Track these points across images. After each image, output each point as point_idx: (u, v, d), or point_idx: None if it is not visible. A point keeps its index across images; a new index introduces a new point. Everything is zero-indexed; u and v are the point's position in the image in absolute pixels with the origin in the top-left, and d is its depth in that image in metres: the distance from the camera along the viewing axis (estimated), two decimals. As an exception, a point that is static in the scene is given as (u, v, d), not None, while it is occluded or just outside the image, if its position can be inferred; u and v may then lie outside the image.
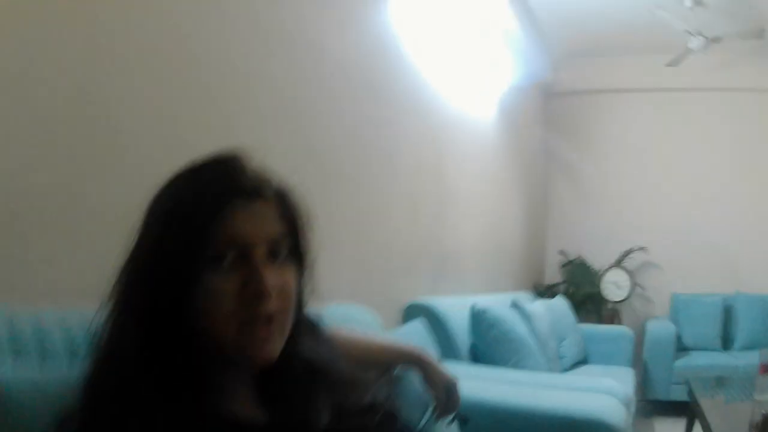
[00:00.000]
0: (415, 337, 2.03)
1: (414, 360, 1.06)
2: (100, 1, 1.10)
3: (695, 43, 3.85)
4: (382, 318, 1.59)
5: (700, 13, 3.76)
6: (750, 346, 3.91)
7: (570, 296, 4.20)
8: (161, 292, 0.56)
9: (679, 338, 4.03)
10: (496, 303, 2.76)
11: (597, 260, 4.75)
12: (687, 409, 2.82)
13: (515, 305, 2.91)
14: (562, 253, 4.97)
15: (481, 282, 3.44)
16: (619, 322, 4.46)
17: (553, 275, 5.02)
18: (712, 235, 4.72)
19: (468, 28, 3.11)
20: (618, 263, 4.62)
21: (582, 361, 3.44)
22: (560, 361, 3.14)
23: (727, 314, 4.26)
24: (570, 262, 4.89)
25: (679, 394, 3.51)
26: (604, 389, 2.06)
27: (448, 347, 2.34)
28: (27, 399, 0.65)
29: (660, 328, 4.10)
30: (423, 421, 1.04)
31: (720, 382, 3.00)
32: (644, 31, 4.30)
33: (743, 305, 4.22)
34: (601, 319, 4.48)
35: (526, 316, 2.84)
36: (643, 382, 3.86)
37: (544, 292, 4.56)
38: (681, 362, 3.86)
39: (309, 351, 0.70)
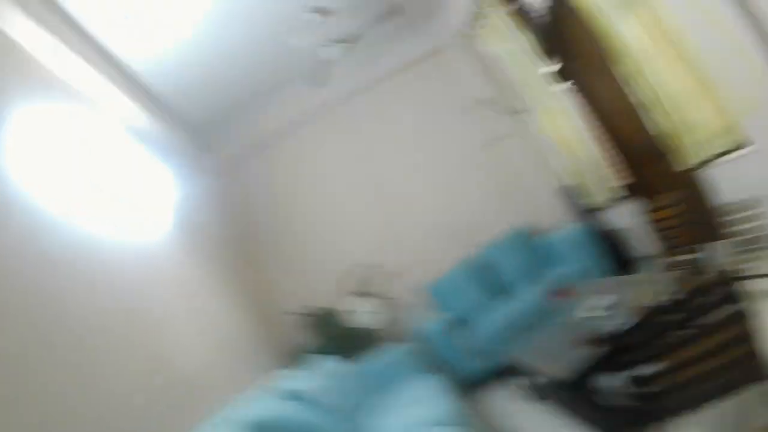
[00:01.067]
0: None
1: None
2: None
3: (333, 51, 3.84)
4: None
5: (332, 20, 3.72)
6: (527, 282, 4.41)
7: (330, 348, 4.11)
8: None
9: (460, 318, 4.34)
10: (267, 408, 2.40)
11: (335, 300, 4.75)
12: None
13: (293, 395, 2.66)
14: (302, 310, 4.70)
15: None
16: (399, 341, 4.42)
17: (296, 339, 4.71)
18: (424, 218, 5.08)
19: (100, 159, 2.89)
20: (362, 292, 4.71)
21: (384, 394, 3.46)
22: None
23: (488, 270, 4.65)
24: (314, 316, 4.63)
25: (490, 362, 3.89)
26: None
27: None
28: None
29: (427, 322, 4.27)
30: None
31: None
32: (286, 65, 4.25)
33: (496, 255, 4.62)
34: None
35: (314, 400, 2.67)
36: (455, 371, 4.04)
37: (298, 357, 4.18)
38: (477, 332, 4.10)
39: None
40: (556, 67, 4.23)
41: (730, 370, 1.63)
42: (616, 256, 4.31)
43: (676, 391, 1.67)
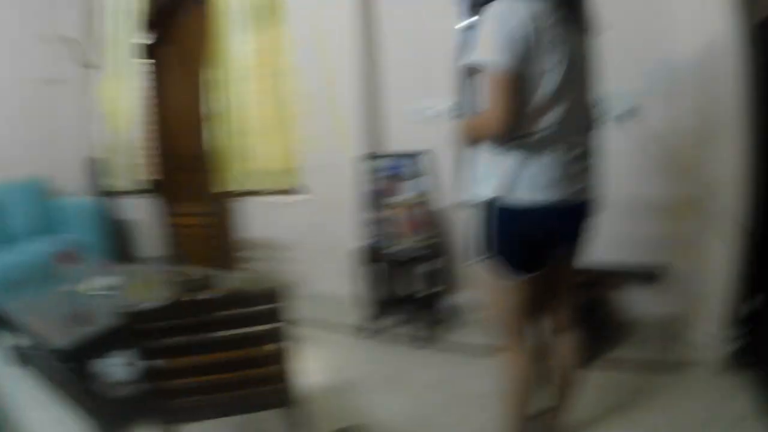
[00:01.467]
0: None
1: None
2: None
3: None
4: None
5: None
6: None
7: None
8: None
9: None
10: None
11: None
12: None
13: None
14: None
15: None
16: None
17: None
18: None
19: None
20: None
21: None
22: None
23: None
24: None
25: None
26: None
27: None
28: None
29: None
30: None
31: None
32: None
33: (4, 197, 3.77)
34: None
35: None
36: None
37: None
38: None
39: None
40: (147, 40, 4.09)
41: (252, 387, 1.59)
42: (120, 243, 4.18)
43: (182, 394, 1.57)
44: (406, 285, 3.08)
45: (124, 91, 4.13)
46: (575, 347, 1.68)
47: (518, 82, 1.35)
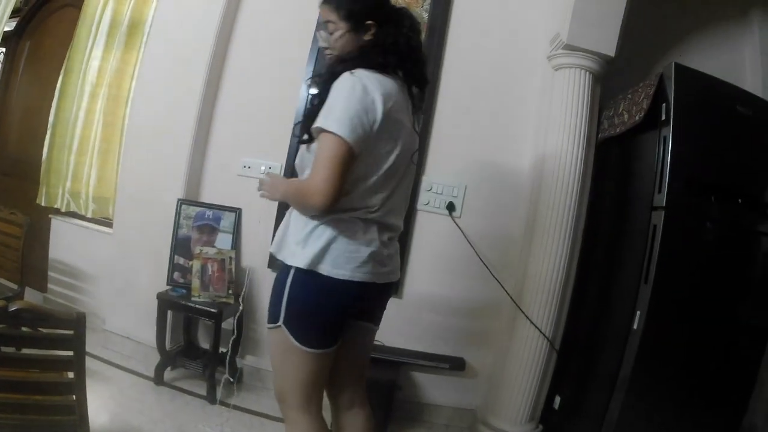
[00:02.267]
0: None
1: None
2: None
3: None
4: None
5: None
6: None
7: None
8: None
9: None
10: None
11: None
12: None
13: None
14: None
15: None
16: None
17: None
18: None
19: None
20: None
21: None
22: None
23: None
24: None
25: None
26: None
27: None
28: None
29: None
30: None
31: None
32: None
33: None
34: None
35: None
36: None
37: None
38: None
39: None
40: (7, 28, 3.81)
41: (40, 414, 1.45)
42: None
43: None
44: (202, 338, 2.96)
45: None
46: (367, 428, 1.63)
47: (352, 160, 1.32)
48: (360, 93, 1.32)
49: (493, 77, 2.79)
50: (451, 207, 2.70)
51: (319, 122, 1.32)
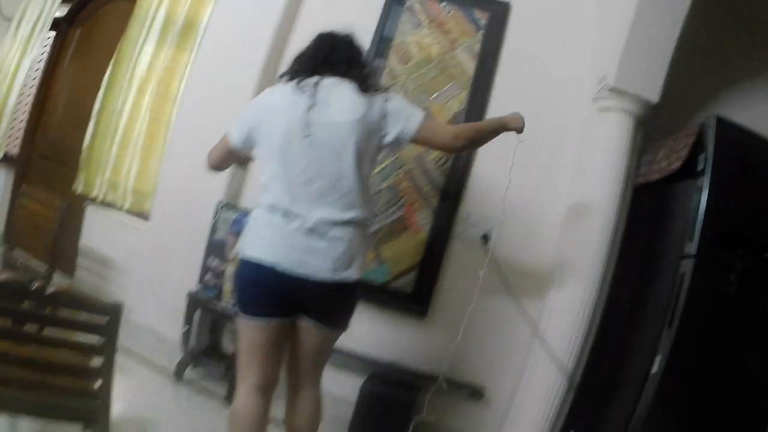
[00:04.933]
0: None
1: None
2: None
3: None
4: None
5: None
6: None
7: None
8: None
9: None
10: None
11: None
12: None
13: None
14: None
15: None
16: None
17: None
18: None
19: None
20: None
21: None
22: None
23: None
24: None
25: None
26: None
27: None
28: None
29: None
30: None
31: None
32: None
33: None
34: None
35: None
36: None
37: None
38: None
39: None
40: (59, 14, 3.90)
41: (65, 396, 1.49)
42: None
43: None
44: (227, 342, 3.00)
45: (17, 52, 3.85)
46: (311, 412, 1.78)
47: (233, 152, 1.82)
48: (258, 101, 1.83)
49: (538, 112, 2.81)
50: (485, 238, 2.74)
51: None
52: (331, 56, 1.74)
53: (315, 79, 1.69)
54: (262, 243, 1.62)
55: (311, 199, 1.61)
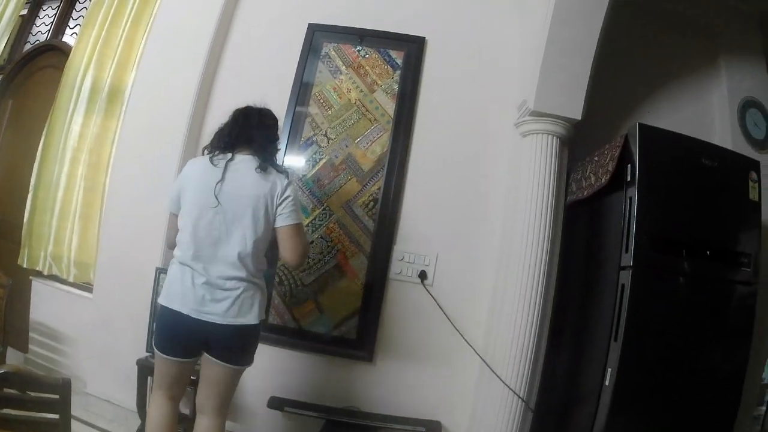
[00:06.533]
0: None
1: None
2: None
3: None
4: None
5: None
6: None
7: None
8: None
9: None
10: None
11: None
12: None
13: None
14: None
15: None
16: None
17: None
18: None
19: None
20: None
21: None
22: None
23: None
24: None
25: None
26: None
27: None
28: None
29: None
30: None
31: None
32: None
33: None
34: None
35: None
36: None
37: None
38: None
39: None
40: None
41: None
42: None
43: None
44: (183, 404, 2.98)
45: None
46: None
47: (174, 219, 2.06)
48: (182, 174, 2.11)
49: (463, 145, 2.87)
50: (423, 275, 2.76)
51: None
52: (242, 135, 2.05)
53: (228, 156, 2.00)
54: (174, 293, 1.93)
55: (212, 258, 1.92)
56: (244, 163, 2.00)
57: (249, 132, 2.06)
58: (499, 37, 2.98)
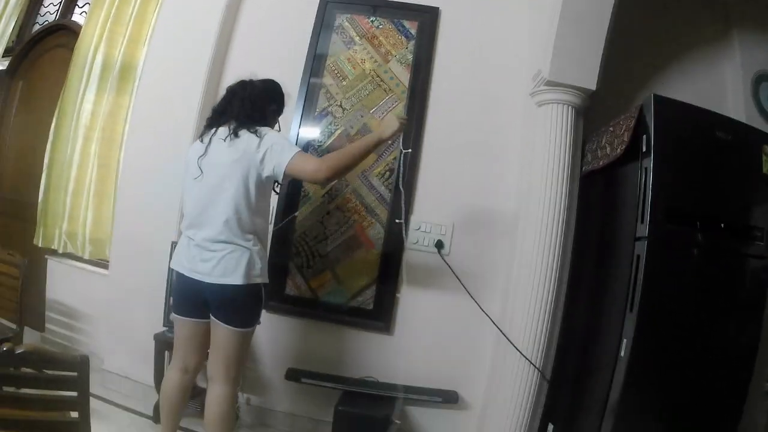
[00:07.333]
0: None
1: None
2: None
3: None
4: None
5: None
6: None
7: None
8: None
9: None
10: None
11: None
12: None
13: None
14: None
15: None
16: None
17: None
18: None
19: None
20: None
21: None
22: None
23: None
24: None
25: None
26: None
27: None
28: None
29: None
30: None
31: None
32: None
33: None
34: None
35: None
36: None
37: None
38: None
39: None
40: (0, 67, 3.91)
41: None
42: None
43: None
44: (200, 378, 2.99)
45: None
46: (215, 407, 2.06)
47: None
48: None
49: (478, 115, 2.85)
50: (439, 245, 2.76)
51: None
52: (227, 109, 2.14)
53: (212, 131, 2.12)
54: (178, 257, 2.13)
55: (202, 224, 2.05)
56: (225, 134, 2.09)
57: (232, 106, 2.13)
58: (514, 6, 2.96)
